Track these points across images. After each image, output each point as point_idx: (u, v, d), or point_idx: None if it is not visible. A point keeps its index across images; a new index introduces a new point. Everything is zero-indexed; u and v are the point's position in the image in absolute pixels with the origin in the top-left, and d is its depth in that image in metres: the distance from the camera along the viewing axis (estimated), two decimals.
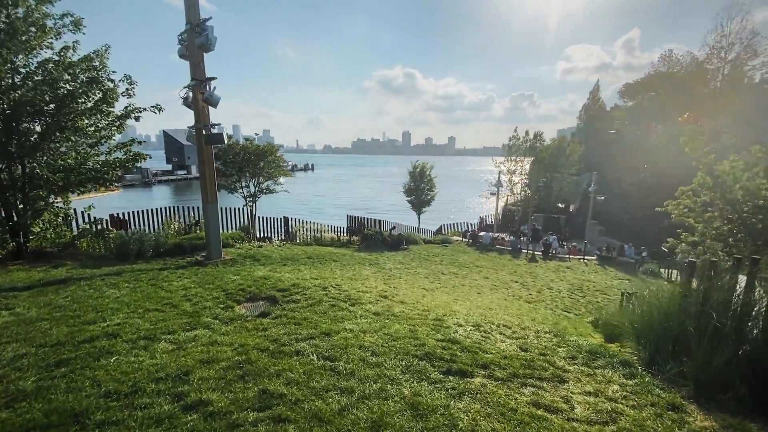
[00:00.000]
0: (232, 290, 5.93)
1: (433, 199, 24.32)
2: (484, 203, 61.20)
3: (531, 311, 8.72)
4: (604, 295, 12.46)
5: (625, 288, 13.76)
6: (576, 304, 11.25)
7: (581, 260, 19.81)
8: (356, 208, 54.96)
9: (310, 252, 12.69)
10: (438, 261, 15.37)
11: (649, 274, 17.20)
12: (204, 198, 9.45)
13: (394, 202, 63.73)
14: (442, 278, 11.54)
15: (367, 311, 5.12)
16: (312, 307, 5.15)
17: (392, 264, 12.77)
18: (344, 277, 8.14)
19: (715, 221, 9.82)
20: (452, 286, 10.47)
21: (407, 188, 24.11)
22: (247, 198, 13.78)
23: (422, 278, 10.96)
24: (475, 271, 14.22)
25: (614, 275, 16.33)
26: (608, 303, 11.61)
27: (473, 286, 11.12)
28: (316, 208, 53.31)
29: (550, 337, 4.72)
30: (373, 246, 17.76)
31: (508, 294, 11.07)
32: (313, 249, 13.97)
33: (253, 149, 12.69)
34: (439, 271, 12.82)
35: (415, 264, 13.73)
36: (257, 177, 13.41)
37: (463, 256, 17.49)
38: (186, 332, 4.25)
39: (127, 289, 5.98)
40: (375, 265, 11.87)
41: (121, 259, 9.25)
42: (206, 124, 8.94)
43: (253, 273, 7.40)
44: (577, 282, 14.10)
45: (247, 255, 10.42)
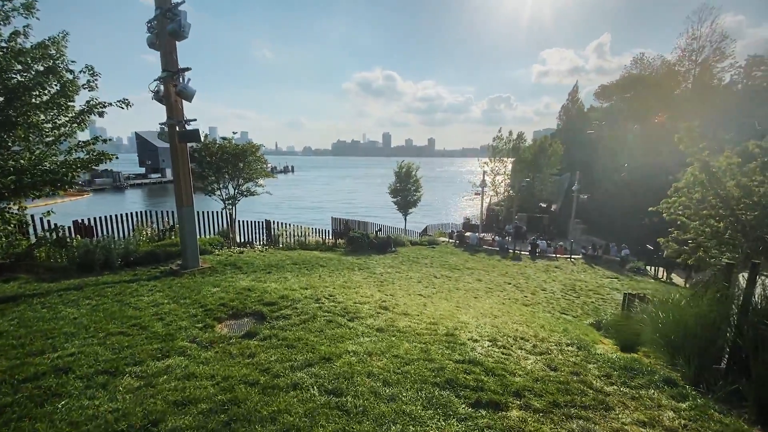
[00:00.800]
0: (212, 305, 5.22)
1: (420, 199, 23.91)
2: (467, 203, 61.45)
3: (531, 315, 8.32)
4: (597, 295, 12.27)
5: (615, 287, 13.68)
6: (572, 305, 10.97)
7: (568, 259, 19.78)
8: (340, 210, 54.12)
9: (295, 257, 11.96)
10: (428, 263, 14.89)
11: (636, 272, 17.28)
12: (178, 201, 8.63)
13: (378, 203, 63.18)
14: (435, 282, 11.05)
15: (369, 327, 4.52)
16: (306, 324, 4.51)
17: (382, 268, 12.19)
18: (336, 285, 7.50)
19: (709, 219, 9.72)
20: (448, 290, 9.98)
21: (393, 189, 23.59)
22: (225, 201, 12.90)
23: (416, 283, 10.43)
24: (467, 273, 13.81)
25: (602, 274, 16.28)
26: (603, 303, 11.41)
27: (468, 290, 10.67)
28: (298, 210, 52.13)
29: (573, 350, 4.25)
30: (359, 249, 17.13)
31: (504, 297, 10.68)
32: (298, 254, 13.24)
33: (232, 149, 11.83)
34: (431, 275, 12.33)
35: (405, 267, 13.19)
36: (236, 178, 12.56)
37: (452, 258, 17.08)
38: (157, 361, 3.54)
39: (87, 308, 5.18)
40: (365, 270, 11.26)
41: (84, 271, 8.32)
42: (180, 119, 8.13)
43: (236, 284, 6.67)
44: (569, 282, 13.91)
45: (227, 262, 9.63)
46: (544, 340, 4.64)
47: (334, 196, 73.57)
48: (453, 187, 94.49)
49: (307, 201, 64.61)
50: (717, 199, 9.58)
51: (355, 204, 63.11)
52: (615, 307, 11.08)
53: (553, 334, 5.10)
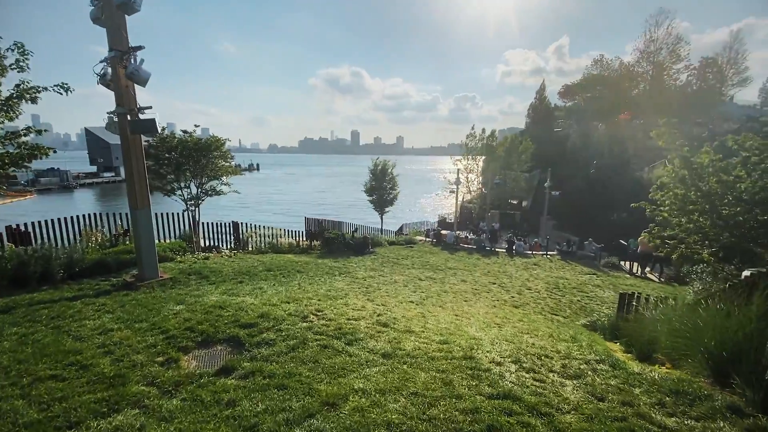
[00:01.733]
0: (176, 330, 4.29)
1: (396, 198, 23.31)
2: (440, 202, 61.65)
3: (529, 320, 7.91)
4: (581, 293, 12.15)
5: (596, 284, 13.68)
6: (559, 304, 10.73)
7: (544, 256, 19.90)
8: (311, 209, 52.55)
9: (267, 262, 10.98)
10: (409, 264, 14.30)
11: (611, 267, 17.57)
12: (132, 203, 7.48)
13: (351, 202, 62.06)
14: (422, 285, 10.45)
15: (373, 352, 3.79)
16: (295, 353, 3.71)
17: (364, 271, 11.45)
18: (320, 295, 6.70)
19: (693, 214, 9.73)
20: (437, 294, 9.41)
21: (369, 187, 22.84)
22: (188, 201, 11.64)
23: (402, 287, 9.78)
24: (450, 273, 13.34)
25: (580, 270, 16.39)
26: (589, 302, 11.27)
27: (456, 293, 10.15)
28: (267, 210, 50.05)
29: (607, 369, 3.74)
30: (336, 251, 16.29)
31: (493, 299, 10.26)
32: (270, 258, 12.24)
33: (194, 143, 10.59)
34: (415, 277, 11.73)
35: (387, 270, 12.52)
36: (199, 176, 11.34)
37: (432, 258, 16.61)
38: (101, 420, 2.65)
39: (13, 340, 4.10)
40: (346, 275, 10.48)
41: (18, 286, 7.03)
42: (132, 107, 6.99)
43: (203, 299, 5.72)
44: (551, 280, 13.78)
45: (191, 271, 8.56)
46: (569, 357, 4.11)
47: (304, 196, 71.65)
48: (424, 185, 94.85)
49: (276, 200, 62.47)
50: (699, 194, 9.61)
51: (327, 203, 61.72)
52: (601, 305, 10.98)
53: (571, 348, 4.59)
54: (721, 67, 36.90)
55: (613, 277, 15.31)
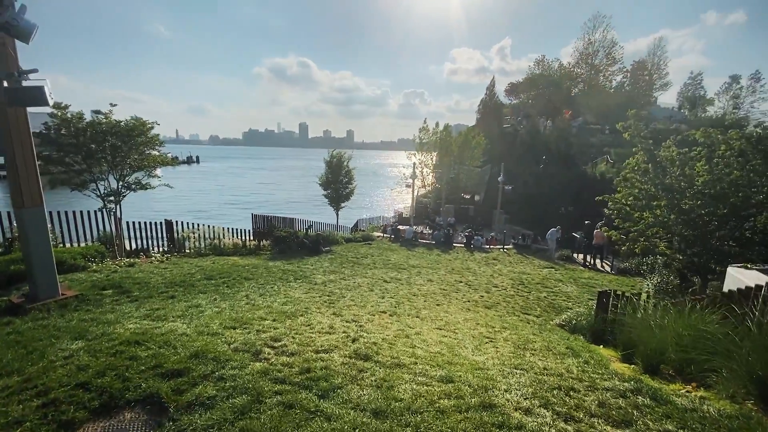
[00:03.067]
0: (62, 389, 2.89)
1: (353, 192, 22.12)
2: (393, 196, 61.15)
3: (506, 324, 7.28)
4: (546, 289, 11.95)
5: (558, 278, 13.66)
6: (528, 302, 10.35)
7: (501, 250, 19.94)
8: (259, 206, 49.42)
9: (208, 267, 9.39)
10: (370, 264, 13.31)
11: (565, 259, 17.92)
12: (16, 199, 5.67)
13: (303, 197, 59.49)
14: (389, 288, 9.49)
15: (359, 408, 2.71)
16: (246, 420, 2.53)
17: (323, 275, 10.24)
18: (274, 311, 5.45)
19: (656, 209, 9.78)
20: (407, 299, 8.50)
21: (324, 180, 21.39)
22: (105, 198, 9.59)
23: (368, 291, 8.75)
24: (414, 272, 12.56)
25: (538, 264, 16.47)
26: (555, 297, 11.04)
27: (426, 295, 9.33)
28: (208, 207, 46.05)
29: (649, 403, 3.01)
30: (288, 251, 14.83)
31: (464, 300, 9.59)
32: (212, 262, 10.60)
33: (109, 126, 8.57)
34: (379, 278, 10.75)
35: (347, 271, 11.42)
36: (121, 167, 9.35)
37: (392, 255, 15.77)
38: None
39: None
40: (303, 280, 9.21)
41: None
42: (10, 72, 5.17)
43: (115, 328, 4.26)
44: (515, 275, 13.54)
45: (108, 283, 6.86)
46: (595, 386, 3.35)
47: (250, 191, 67.53)
48: (378, 179, 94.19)
49: (219, 196, 58.08)
50: (661, 188, 9.68)
51: (276, 199, 58.59)
52: (567, 300, 10.79)
53: (583, 369, 3.86)
54: (650, 71, 40.19)
55: (570, 270, 15.50)
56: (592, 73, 43.02)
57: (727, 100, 41.34)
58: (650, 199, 9.87)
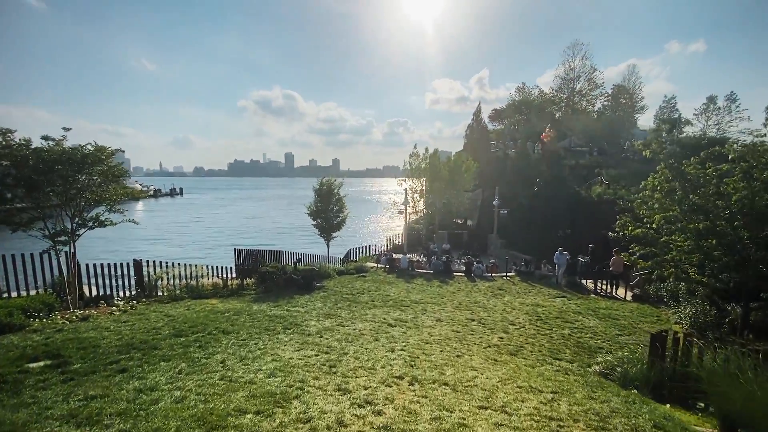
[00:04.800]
0: None
1: (345, 221, 20.80)
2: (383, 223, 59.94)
3: (542, 379, 5.95)
4: (567, 324, 10.69)
5: (575, 310, 12.42)
6: (553, 342, 9.05)
7: (504, 277, 18.73)
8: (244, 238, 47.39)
9: (180, 318, 7.84)
10: (368, 302, 11.87)
11: (572, 286, 16.78)
12: None
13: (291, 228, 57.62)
14: (396, 335, 8.06)
15: None
16: None
17: (317, 321, 8.76)
18: (258, 391, 4.03)
19: (687, 233, 8.75)
20: (420, 348, 7.09)
21: (313, 210, 20.06)
22: (54, 237, 8.03)
23: (372, 342, 7.31)
24: (419, 310, 11.16)
25: (548, 293, 15.27)
26: (581, 334, 9.75)
27: (442, 342, 7.93)
28: (188, 243, 43.54)
29: None
30: (275, 289, 13.30)
31: (484, 346, 8.22)
32: (186, 309, 9.05)
33: (58, 154, 7.12)
34: (382, 321, 9.32)
35: (345, 313, 9.95)
36: (75, 201, 7.87)
37: (391, 289, 14.35)
38: None
39: None
40: (295, 329, 7.72)
41: None
42: None
43: None
44: (529, 309, 12.26)
45: (44, 349, 5.32)
46: None
47: (235, 223, 65.25)
48: (366, 206, 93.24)
49: (200, 229, 55.55)
50: (694, 209, 8.72)
51: (262, 230, 56.55)
52: (595, 337, 9.52)
53: None
54: (632, 94, 41.13)
55: (584, 299, 14.32)
56: (575, 98, 43.82)
57: (706, 120, 42.41)
58: (679, 222, 8.88)
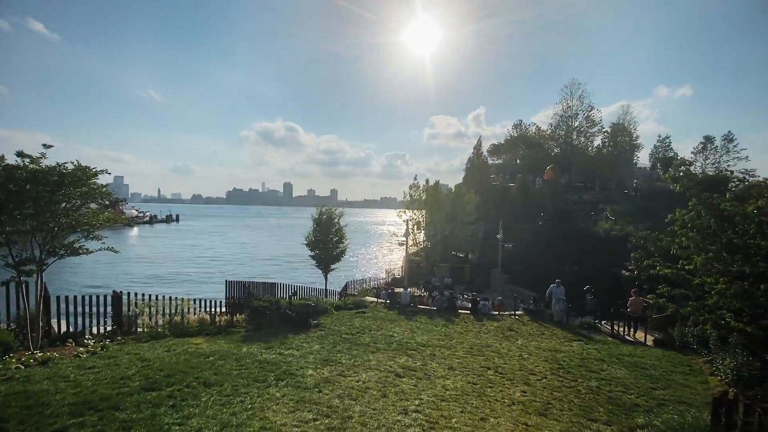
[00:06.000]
0: None
1: (344, 252, 19.83)
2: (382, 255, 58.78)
3: None
4: (592, 374, 9.59)
5: (597, 356, 11.32)
6: (582, 398, 7.94)
7: (512, 316, 17.60)
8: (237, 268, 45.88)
9: (156, 363, 6.75)
10: (371, 344, 10.75)
11: (587, 328, 15.67)
12: None
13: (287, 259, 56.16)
14: (406, 390, 6.96)
15: None
16: None
17: (314, 369, 7.65)
18: None
19: (728, 277, 7.93)
20: (436, 408, 6.01)
21: (311, 240, 19.14)
22: (20, 266, 7.05)
23: (380, 398, 6.22)
24: (428, 356, 10.03)
25: (563, 336, 14.14)
26: (609, 386, 8.65)
27: (459, 399, 6.84)
28: (178, 273, 41.57)
29: None
30: (268, 326, 12.17)
31: (506, 403, 7.13)
32: (166, 351, 7.95)
33: (31, 173, 6.30)
34: (388, 370, 8.20)
35: (346, 359, 8.84)
36: (47, 226, 6.97)
37: (394, 329, 13.22)
38: None
39: None
40: (289, 381, 6.63)
41: None
42: None
43: None
44: (547, 355, 11.15)
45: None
46: None
47: (229, 252, 63.65)
48: (364, 237, 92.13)
49: (191, 259, 53.56)
50: (729, 248, 7.97)
51: (256, 259, 55.06)
52: (627, 392, 8.40)
53: None
54: (630, 132, 41.60)
55: (603, 343, 13.19)
56: (574, 134, 44.26)
57: (704, 159, 42.72)
58: (716, 262, 8.07)
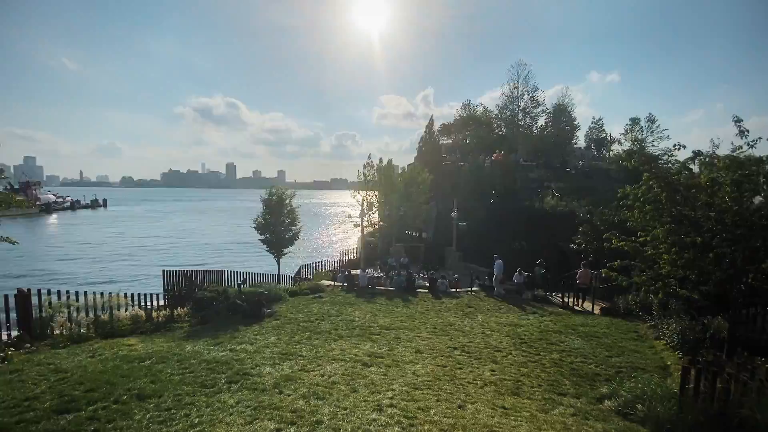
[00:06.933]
0: None
1: (297, 235, 18.71)
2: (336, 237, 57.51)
3: None
4: (552, 346, 9.79)
5: (553, 328, 11.66)
6: (548, 372, 7.99)
7: (469, 293, 17.87)
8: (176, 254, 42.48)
9: (76, 373, 5.57)
10: (332, 331, 10.11)
11: (540, 300, 16.31)
12: None
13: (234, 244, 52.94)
14: (376, 381, 6.44)
15: None
16: None
17: (272, 366, 6.83)
18: None
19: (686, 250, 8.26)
20: (410, 399, 5.56)
21: (260, 223, 17.73)
22: None
23: (350, 394, 5.63)
24: (392, 339, 9.63)
25: (518, 310, 14.51)
26: (570, 357, 8.83)
27: (433, 386, 6.46)
28: (105, 265, 37.06)
29: None
30: (215, 319, 11.03)
31: (479, 385, 6.90)
32: (90, 357, 6.72)
33: None
34: (356, 360, 7.62)
35: (307, 350, 8.11)
36: None
37: (354, 312, 12.68)
38: None
39: None
40: (243, 383, 5.79)
41: None
42: None
43: None
44: (508, 330, 11.27)
45: None
46: None
47: (167, 239, 58.72)
48: (316, 220, 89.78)
49: (123, 247, 48.50)
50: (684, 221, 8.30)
51: (199, 248, 51.17)
52: (586, 361, 8.63)
53: None
54: (570, 113, 43.81)
55: (555, 315, 13.70)
56: (520, 115, 45.73)
57: (632, 140, 46.33)
58: (672, 235, 8.37)
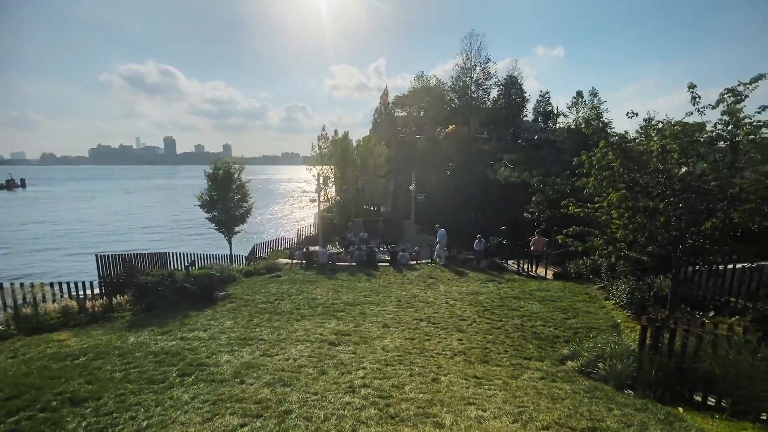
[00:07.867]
0: None
1: (249, 212, 17.56)
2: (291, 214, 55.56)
3: (536, 397, 4.79)
4: (512, 311, 10.11)
5: (511, 294, 12.08)
6: (512, 338, 8.20)
7: (430, 265, 18.08)
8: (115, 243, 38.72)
9: None
10: (293, 311, 9.64)
11: (497, 268, 16.86)
12: None
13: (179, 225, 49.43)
14: (345, 360, 6.13)
15: None
16: None
17: (230, 354, 6.28)
18: None
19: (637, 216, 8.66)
20: (383, 376, 5.33)
21: (206, 200, 16.36)
22: None
23: (318, 377, 5.27)
24: (358, 315, 9.38)
25: (477, 278, 14.90)
26: (530, 321, 9.17)
27: (404, 361, 6.29)
28: (31, 253, 33.29)
29: None
30: (162, 305, 10.09)
31: (449, 356, 6.86)
32: (9, 359, 5.80)
33: None
34: (322, 340, 7.26)
35: (268, 333, 7.61)
36: None
37: (315, 290, 12.25)
38: None
39: None
40: (199, 375, 5.21)
41: None
42: None
43: None
44: (469, 298, 11.48)
45: None
46: None
47: (98, 221, 53.52)
48: (269, 196, 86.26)
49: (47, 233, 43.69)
50: (633, 186, 8.68)
51: (137, 230, 47.25)
52: (546, 325, 9.00)
53: None
54: (520, 86, 44.82)
55: (512, 281, 14.22)
56: (473, 87, 45.99)
57: (576, 112, 48.57)
58: (624, 201, 8.73)
